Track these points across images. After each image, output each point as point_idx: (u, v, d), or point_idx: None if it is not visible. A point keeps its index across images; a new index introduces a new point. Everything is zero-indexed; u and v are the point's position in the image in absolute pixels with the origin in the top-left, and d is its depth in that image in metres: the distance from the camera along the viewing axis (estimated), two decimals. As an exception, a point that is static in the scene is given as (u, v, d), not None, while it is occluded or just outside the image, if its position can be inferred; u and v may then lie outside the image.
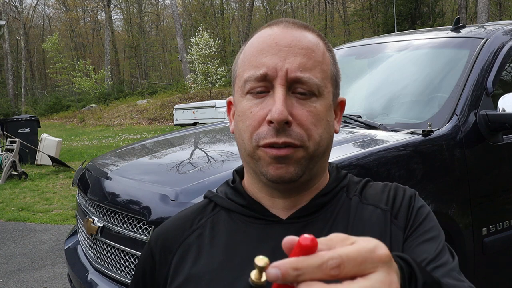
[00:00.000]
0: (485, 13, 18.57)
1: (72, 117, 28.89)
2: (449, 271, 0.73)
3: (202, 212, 0.90)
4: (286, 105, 0.75)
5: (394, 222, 0.80)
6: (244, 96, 0.80)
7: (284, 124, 0.75)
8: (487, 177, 2.29)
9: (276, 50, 0.78)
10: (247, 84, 0.79)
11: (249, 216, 0.84)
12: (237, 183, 0.89)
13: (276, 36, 0.79)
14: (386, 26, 28.14)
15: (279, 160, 0.77)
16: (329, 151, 0.85)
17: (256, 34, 0.84)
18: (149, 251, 0.90)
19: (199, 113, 17.60)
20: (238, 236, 0.83)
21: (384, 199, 0.83)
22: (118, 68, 47.24)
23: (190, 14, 43.25)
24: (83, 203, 2.45)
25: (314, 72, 0.78)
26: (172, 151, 2.70)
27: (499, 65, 2.42)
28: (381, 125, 2.34)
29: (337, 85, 0.86)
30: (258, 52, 0.79)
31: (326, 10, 42.36)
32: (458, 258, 0.81)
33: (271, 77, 0.77)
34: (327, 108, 0.81)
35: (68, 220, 6.01)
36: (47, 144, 10.47)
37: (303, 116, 0.77)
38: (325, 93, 0.80)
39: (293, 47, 0.78)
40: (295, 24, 0.82)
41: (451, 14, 32.00)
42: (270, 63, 0.77)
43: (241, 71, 0.82)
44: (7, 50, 38.56)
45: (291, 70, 0.76)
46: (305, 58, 0.78)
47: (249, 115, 0.78)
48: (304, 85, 0.77)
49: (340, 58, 3.42)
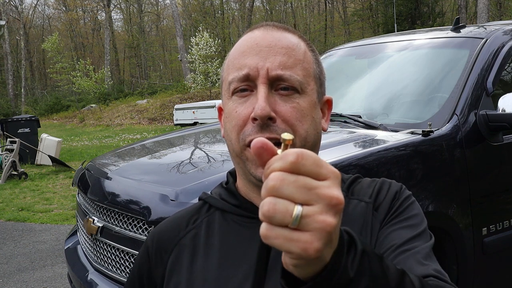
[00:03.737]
0: (485, 13, 18.57)
1: (72, 117, 28.88)
2: (413, 254, 0.74)
3: (197, 213, 0.91)
4: (269, 102, 0.77)
5: (374, 214, 0.82)
6: (230, 98, 0.83)
7: (268, 120, 0.76)
8: (487, 177, 2.29)
9: (256, 50, 0.80)
10: (231, 86, 0.82)
11: (242, 216, 0.85)
12: (230, 184, 0.91)
13: (256, 38, 0.82)
14: (386, 26, 28.14)
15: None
16: (317, 148, 0.86)
17: (240, 39, 0.87)
18: (146, 251, 0.92)
19: (199, 113, 17.60)
20: (232, 236, 0.84)
21: (369, 192, 0.85)
22: (118, 68, 47.24)
23: (190, 14, 43.24)
24: (83, 203, 2.45)
25: (295, 69, 0.80)
26: (172, 151, 2.70)
27: (499, 65, 2.42)
28: (381, 125, 2.34)
29: (321, 83, 0.87)
30: (240, 54, 0.82)
31: (326, 10, 42.36)
32: (458, 258, 0.82)
33: (253, 76, 0.79)
34: (312, 105, 0.82)
35: (68, 220, 6.01)
36: (47, 144, 10.47)
37: (287, 112, 0.78)
38: (308, 90, 0.82)
39: (273, 47, 0.80)
40: (275, 27, 0.85)
41: (451, 14, 32.00)
42: (252, 63, 0.79)
43: (226, 74, 0.85)
44: (7, 50, 38.56)
45: (272, 69, 0.78)
46: (285, 57, 0.80)
47: (235, 115, 0.81)
48: (286, 82, 0.79)
49: (340, 58, 3.42)
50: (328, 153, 1.89)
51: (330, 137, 2.20)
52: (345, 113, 2.55)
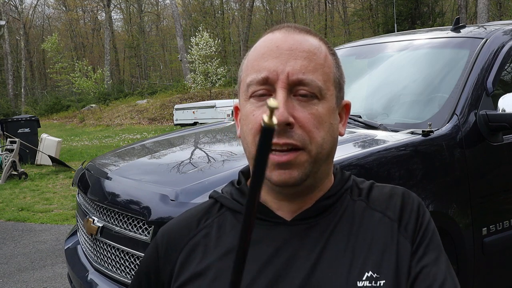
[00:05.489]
0: (485, 13, 18.57)
1: (72, 117, 28.87)
2: None
3: (208, 212, 0.90)
4: (288, 107, 0.76)
5: (401, 238, 0.80)
6: (247, 100, 0.81)
7: (285, 125, 0.75)
8: (487, 177, 2.29)
9: (277, 53, 0.79)
10: (249, 88, 0.80)
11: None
12: (242, 184, 0.90)
13: (277, 40, 0.80)
14: (386, 26, 28.12)
15: (282, 166, 0.77)
16: (333, 155, 0.85)
17: (259, 40, 0.85)
18: (155, 249, 0.91)
19: (199, 113, 17.60)
20: None
21: (392, 206, 0.83)
22: (118, 68, 47.21)
23: (190, 14, 43.23)
24: (83, 203, 2.45)
25: (316, 74, 0.78)
26: (172, 151, 2.70)
27: (499, 65, 2.42)
28: (381, 125, 2.34)
29: (340, 88, 0.86)
30: (260, 56, 0.80)
31: (326, 10, 42.33)
32: (458, 257, 0.83)
33: (272, 80, 0.77)
34: (330, 111, 0.81)
35: (68, 220, 6.01)
36: (47, 144, 10.46)
37: (305, 119, 0.77)
38: (328, 96, 0.80)
39: (294, 50, 0.78)
40: (296, 29, 0.83)
41: (451, 14, 31.97)
42: (271, 66, 0.78)
43: (245, 75, 0.83)
44: (7, 50, 38.56)
45: (292, 73, 0.77)
46: (306, 61, 0.78)
47: (252, 118, 0.79)
48: (306, 87, 0.77)
49: (340, 58, 3.41)
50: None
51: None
52: (345, 113, 2.55)
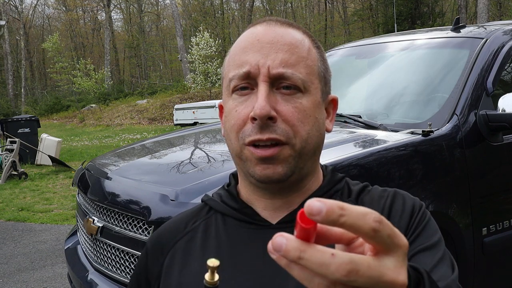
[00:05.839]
0: (485, 13, 18.57)
1: (72, 117, 28.87)
2: (445, 287, 0.69)
3: (197, 215, 0.89)
4: (270, 101, 0.74)
5: None
6: (230, 96, 0.80)
7: (268, 120, 0.73)
8: (487, 177, 2.29)
9: (258, 47, 0.77)
10: (231, 83, 0.79)
11: (241, 220, 0.83)
12: (231, 186, 0.88)
13: (258, 34, 0.79)
14: (386, 26, 28.12)
15: (266, 160, 0.75)
16: (319, 150, 0.82)
17: (241, 34, 0.83)
18: (145, 253, 0.91)
19: (199, 113, 17.59)
20: (229, 240, 0.82)
21: (380, 207, 0.80)
22: (118, 68, 47.21)
23: (190, 14, 43.23)
24: (83, 203, 2.45)
25: (297, 67, 0.76)
26: (172, 151, 2.70)
27: (499, 65, 2.42)
28: (381, 125, 2.34)
29: (326, 82, 0.83)
30: (241, 50, 0.79)
31: (326, 10, 42.33)
32: (458, 257, 0.81)
33: (254, 74, 0.76)
34: (315, 104, 0.78)
35: (68, 220, 6.01)
36: (47, 144, 10.47)
37: (288, 112, 0.75)
38: (312, 89, 0.78)
39: (275, 44, 0.77)
40: (278, 22, 0.81)
41: (451, 14, 31.98)
42: (252, 60, 0.76)
43: (227, 71, 0.81)
44: (7, 50, 38.56)
45: (273, 67, 0.75)
46: (288, 54, 0.76)
47: (234, 114, 0.77)
48: (288, 80, 0.75)
49: (340, 58, 3.42)
50: (328, 153, 1.89)
51: (330, 137, 2.20)
52: (345, 113, 2.55)
